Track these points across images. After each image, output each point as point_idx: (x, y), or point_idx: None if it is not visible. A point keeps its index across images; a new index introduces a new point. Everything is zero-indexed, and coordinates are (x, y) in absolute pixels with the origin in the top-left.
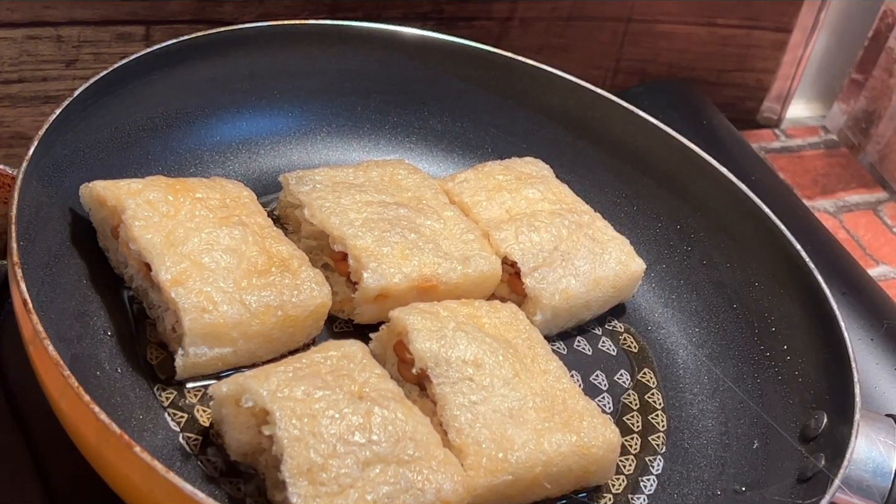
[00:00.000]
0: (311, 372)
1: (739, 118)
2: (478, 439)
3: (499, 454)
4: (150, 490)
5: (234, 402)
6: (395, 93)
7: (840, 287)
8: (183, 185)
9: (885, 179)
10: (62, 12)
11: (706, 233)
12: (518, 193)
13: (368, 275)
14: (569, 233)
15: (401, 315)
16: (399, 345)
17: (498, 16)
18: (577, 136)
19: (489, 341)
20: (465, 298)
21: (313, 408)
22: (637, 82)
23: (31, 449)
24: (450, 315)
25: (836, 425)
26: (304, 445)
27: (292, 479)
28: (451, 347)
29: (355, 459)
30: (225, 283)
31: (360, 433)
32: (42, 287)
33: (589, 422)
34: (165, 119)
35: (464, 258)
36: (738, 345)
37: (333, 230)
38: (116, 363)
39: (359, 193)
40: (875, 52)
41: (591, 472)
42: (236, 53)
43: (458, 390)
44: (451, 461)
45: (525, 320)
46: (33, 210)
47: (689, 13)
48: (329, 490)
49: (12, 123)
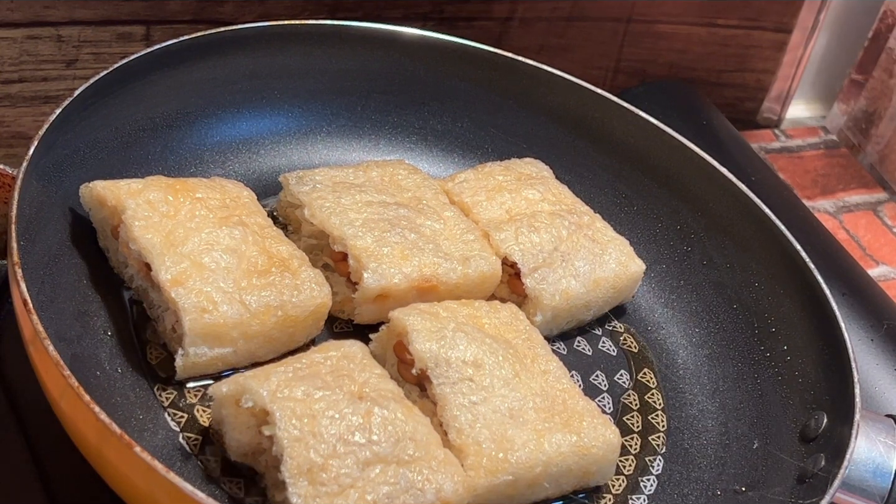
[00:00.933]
0: (311, 372)
1: (739, 118)
2: (478, 439)
3: (499, 454)
4: (150, 490)
5: (234, 403)
6: (395, 93)
7: (840, 287)
8: (183, 185)
9: (885, 180)
10: (62, 12)
11: (706, 233)
12: (518, 194)
13: (368, 275)
14: (569, 234)
15: (400, 316)
16: (399, 345)
17: (498, 16)
18: (577, 136)
19: (489, 342)
20: (466, 299)
21: (313, 408)
22: (637, 82)
23: (31, 449)
24: (450, 316)
25: (836, 425)
26: (304, 446)
27: (292, 480)
28: (451, 348)
29: (355, 459)
30: (225, 284)
31: (360, 433)
32: (42, 287)
33: (589, 422)
34: (165, 119)
35: (464, 258)
36: (738, 345)
37: (333, 230)
38: (116, 363)
39: (359, 193)
40: (875, 52)
41: (591, 473)
42: (236, 53)
43: (458, 391)
44: (451, 461)
45: (525, 321)
46: (33, 210)
47: (689, 13)
48: (329, 490)
49: (12, 123)
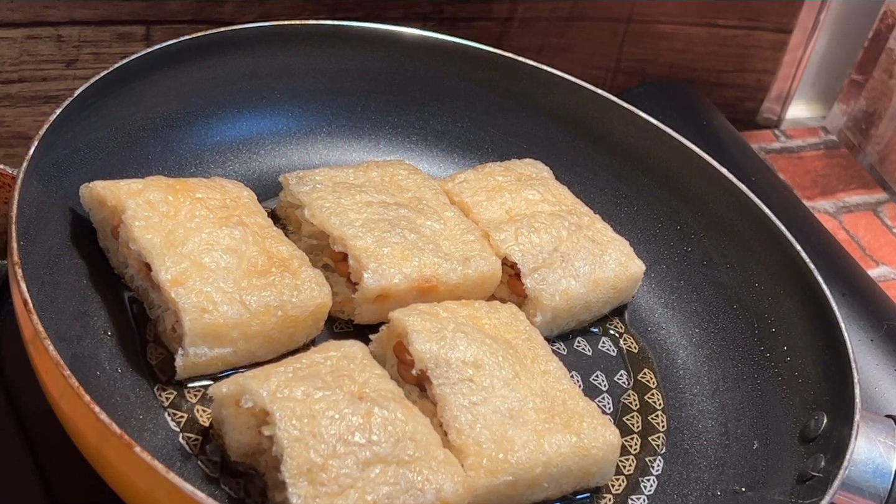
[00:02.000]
0: (311, 372)
1: (739, 119)
2: (478, 440)
3: (499, 455)
4: (151, 490)
5: (234, 403)
6: (395, 93)
7: (840, 288)
8: (183, 185)
9: (885, 180)
10: (62, 12)
11: (706, 233)
12: (518, 194)
13: (369, 275)
14: (568, 234)
15: (400, 316)
16: (399, 346)
17: (498, 16)
18: (577, 136)
19: (489, 342)
20: (466, 299)
21: (313, 408)
22: (637, 82)
23: (31, 449)
24: (449, 316)
25: (836, 426)
26: (304, 446)
27: (292, 480)
28: (451, 348)
29: (355, 460)
30: (225, 284)
31: (360, 433)
32: (42, 287)
33: (589, 423)
34: (165, 119)
35: (464, 259)
36: (738, 345)
37: (333, 230)
38: (116, 363)
39: (359, 194)
40: (875, 52)
41: (591, 473)
42: (236, 53)
43: (458, 391)
44: (451, 461)
45: (525, 321)
46: (33, 210)
47: (689, 13)
48: (329, 490)
49: (12, 123)
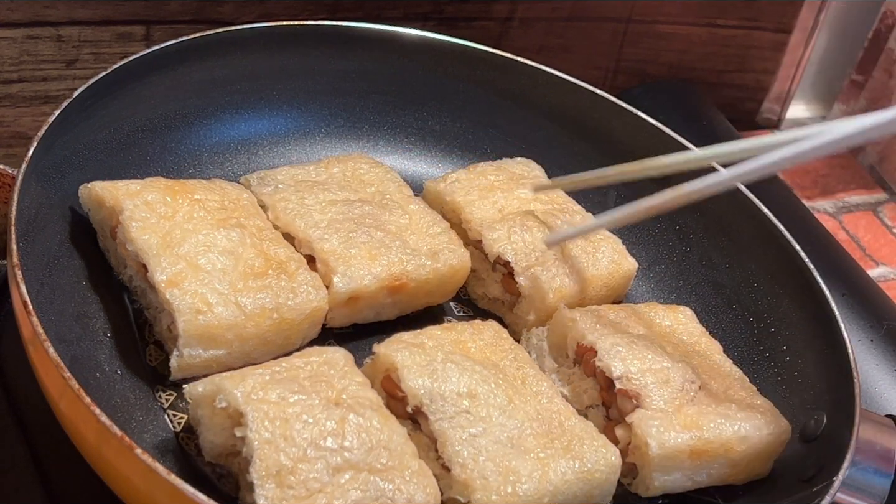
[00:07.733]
0: (289, 376)
1: (739, 119)
2: (483, 473)
3: (507, 488)
4: (151, 491)
5: (210, 403)
6: (394, 93)
7: (840, 288)
8: (182, 186)
9: (885, 180)
10: (62, 12)
11: (705, 233)
12: (510, 193)
13: (338, 279)
14: None
15: (387, 352)
16: (387, 381)
17: (498, 16)
18: (577, 136)
19: (479, 369)
20: (436, 292)
21: (287, 412)
22: (637, 82)
23: (31, 449)
24: (436, 345)
25: (836, 425)
26: (274, 448)
27: (260, 482)
28: (444, 381)
29: (326, 465)
30: (221, 285)
31: (332, 439)
32: (42, 288)
33: (589, 444)
34: (165, 119)
35: (432, 253)
36: (738, 345)
37: (299, 233)
38: (116, 365)
39: (322, 192)
40: (875, 52)
41: (593, 497)
42: (236, 53)
43: (456, 425)
44: (424, 473)
45: (509, 338)
46: (33, 210)
47: (689, 14)
48: (297, 494)
49: (12, 123)
